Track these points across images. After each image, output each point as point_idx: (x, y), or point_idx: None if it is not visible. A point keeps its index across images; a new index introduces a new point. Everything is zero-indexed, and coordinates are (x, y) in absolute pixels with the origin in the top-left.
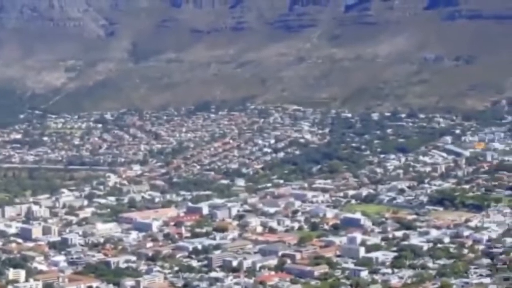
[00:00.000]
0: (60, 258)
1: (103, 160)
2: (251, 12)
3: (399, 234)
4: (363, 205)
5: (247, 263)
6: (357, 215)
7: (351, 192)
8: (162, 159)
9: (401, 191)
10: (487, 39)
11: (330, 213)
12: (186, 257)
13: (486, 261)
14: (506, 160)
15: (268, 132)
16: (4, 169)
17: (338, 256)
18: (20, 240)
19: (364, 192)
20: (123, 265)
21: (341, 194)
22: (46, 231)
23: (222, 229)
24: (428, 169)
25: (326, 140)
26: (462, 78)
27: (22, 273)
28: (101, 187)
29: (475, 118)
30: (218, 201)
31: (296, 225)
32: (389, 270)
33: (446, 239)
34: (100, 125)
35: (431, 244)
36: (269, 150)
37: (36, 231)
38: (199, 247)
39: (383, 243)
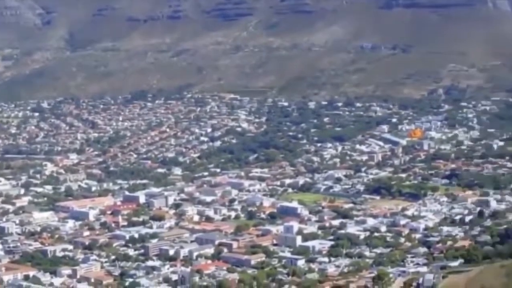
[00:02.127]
0: None
1: (40, 149)
2: (187, 0)
3: (335, 223)
4: (300, 194)
5: (183, 252)
6: (294, 204)
7: (287, 181)
8: (98, 148)
9: (338, 180)
10: (424, 27)
11: (266, 202)
12: (123, 246)
13: (422, 249)
14: (442, 149)
15: (204, 120)
16: None
17: (275, 245)
18: None
19: (301, 181)
20: (59, 254)
21: (278, 183)
22: None
23: (159, 218)
24: (364, 157)
25: (262, 129)
26: (399, 66)
27: None
28: (38, 176)
29: (412, 106)
30: (154, 190)
31: (232, 214)
32: (326, 259)
33: (383, 228)
34: (36, 114)
35: (367, 233)
36: (205, 139)
37: None
38: (136, 235)
39: (319, 232)
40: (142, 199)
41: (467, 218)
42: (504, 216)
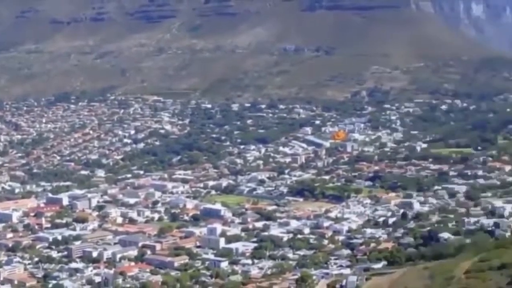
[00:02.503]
0: None
1: None
2: (111, 2)
3: (259, 225)
4: (223, 196)
5: (107, 254)
6: (217, 206)
7: (211, 183)
8: (22, 150)
9: (261, 182)
10: (347, 30)
11: (190, 204)
12: (46, 248)
13: (346, 251)
14: (365, 151)
15: (128, 122)
16: None
17: (198, 247)
18: None
19: (224, 182)
20: None
21: (201, 185)
22: None
23: (82, 220)
24: (288, 160)
25: (186, 131)
26: (322, 68)
27: None
28: None
29: (335, 108)
30: (78, 192)
31: (156, 216)
32: (249, 261)
33: (306, 230)
34: None
35: (291, 235)
36: (129, 141)
37: None
38: (59, 237)
39: (243, 234)
40: (65, 201)
41: (390, 220)
42: (427, 218)
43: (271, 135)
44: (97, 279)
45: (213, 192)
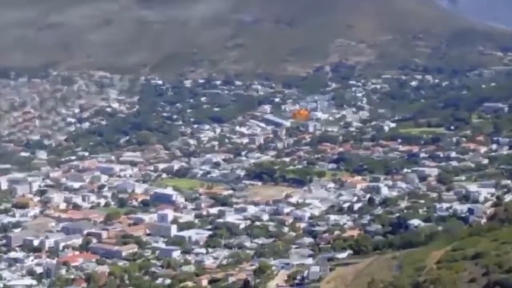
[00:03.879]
0: None
1: None
2: None
3: (213, 211)
4: (175, 179)
5: (49, 243)
6: (169, 191)
7: (162, 166)
8: None
9: (216, 165)
10: (310, 1)
11: (139, 188)
12: None
13: (308, 240)
14: (329, 131)
15: (72, 100)
16: None
17: (148, 234)
18: None
19: (176, 165)
20: None
21: (151, 167)
22: None
23: (22, 206)
24: (245, 140)
25: (135, 109)
26: (283, 42)
27: None
28: None
29: (296, 85)
30: (18, 175)
31: (102, 201)
32: (203, 250)
33: (265, 217)
34: None
35: (248, 222)
36: (73, 120)
37: None
38: None
39: (196, 221)
40: (4, 185)
41: (356, 206)
42: (396, 204)
43: (227, 114)
44: (39, 269)
45: (164, 175)
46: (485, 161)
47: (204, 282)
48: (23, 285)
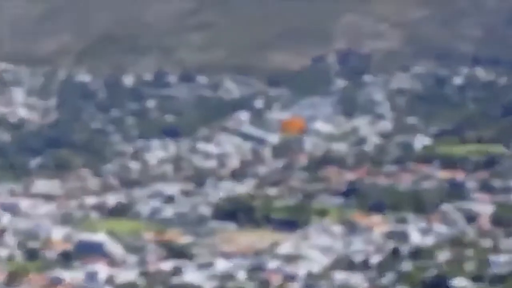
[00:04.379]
0: None
1: None
2: None
3: (166, 266)
4: (110, 220)
5: None
6: (100, 237)
7: (90, 200)
8: None
9: (170, 199)
10: None
11: (57, 233)
12: None
13: None
14: (335, 150)
15: None
16: None
17: None
18: None
19: (112, 200)
20: None
21: (75, 202)
22: None
23: None
24: (212, 163)
25: (51, 118)
26: (266, 21)
27: None
28: None
29: (287, 83)
30: None
31: (3, 252)
32: None
33: (241, 275)
34: None
35: (217, 283)
36: None
37: None
38: None
39: (141, 281)
40: None
41: (374, 259)
42: (432, 256)
43: (186, 125)
44: None
45: (93, 214)
46: None
47: None
48: None
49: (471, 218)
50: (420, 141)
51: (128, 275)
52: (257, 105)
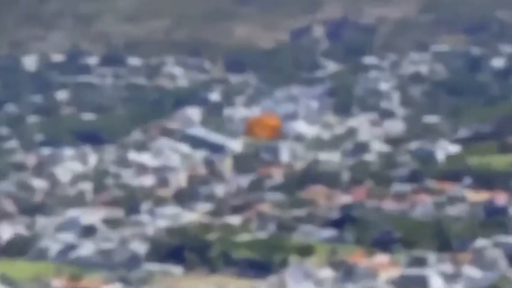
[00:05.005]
0: None
1: None
2: None
3: None
4: (4, 261)
5: None
6: None
7: None
8: None
9: (89, 231)
10: None
11: None
12: None
13: None
14: (322, 161)
15: None
16: None
17: None
18: None
19: (6, 233)
20: None
21: None
22: None
23: None
24: (148, 181)
25: None
26: None
27: None
28: None
29: (254, 66)
30: None
31: None
32: None
33: None
34: None
35: None
36: None
37: None
38: None
39: None
40: None
41: None
42: None
43: (112, 126)
44: None
45: None
46: None
47: None
48: None
49: None
50: (444, 149)
51: None
52: (213, 97)
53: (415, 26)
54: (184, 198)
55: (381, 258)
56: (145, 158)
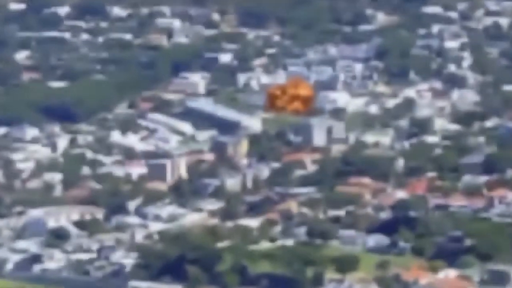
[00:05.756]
0: None
1: None
2: None
3: None
4: None
5: None
6: None
7: None
8: None
9: (57, 238)
10: None
11: None
12: None
13: None
14: (370, 144)
15: None
16: None
17: None
18: None
19: None
20: None
21: None
22: None
23: None
24: (135, 170)
25: None
26: None
27: None
28: None
29: (279, 17)
30: None
31: None
32: None
33: None
34: None
35: None
36: None
37: None
38: None
39: None
40: None
41: None
42: None
43: (87, 98)
44: None
45: None
46: None
47: None
48: None
49: None
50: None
51: None
52: (223, 59)
53: None
54: (184, 193)
55: (448, 273)
56: (133, 140)
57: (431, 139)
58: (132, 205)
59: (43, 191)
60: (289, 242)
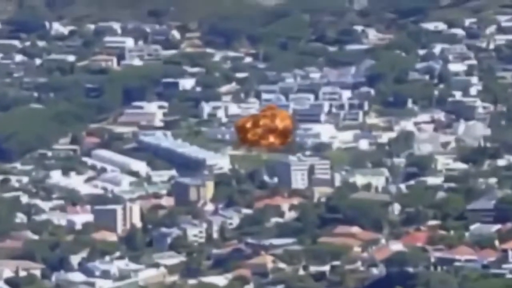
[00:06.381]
0: None
1: None
2: None
3: None
4: None
5: None
6: None
7: None
8: None
9: None
10: None
11: None
12: None
13: None
14: (356, 187)
15: None
16: None
17: None
18: None
19: None
20: None
21: None
22: None
23: None
24: (82, 220)
25: None
26: None
27: None
28: None
29: (251, 34)
30: None
31: None
32: None
33: None
34: None
35: None
36: None
37: None
38: None
39: None
40: None
41: None
42: None
43: (21, 132)
44: None
45: None
46: None
47: None
48: None
49: None
50: None
51: None
52: (184, 85)
53: None
54: (138, 245)
55: None
56: (77, 182)
57: (432, 180)
58: (75, 259)
59: None
60: None
